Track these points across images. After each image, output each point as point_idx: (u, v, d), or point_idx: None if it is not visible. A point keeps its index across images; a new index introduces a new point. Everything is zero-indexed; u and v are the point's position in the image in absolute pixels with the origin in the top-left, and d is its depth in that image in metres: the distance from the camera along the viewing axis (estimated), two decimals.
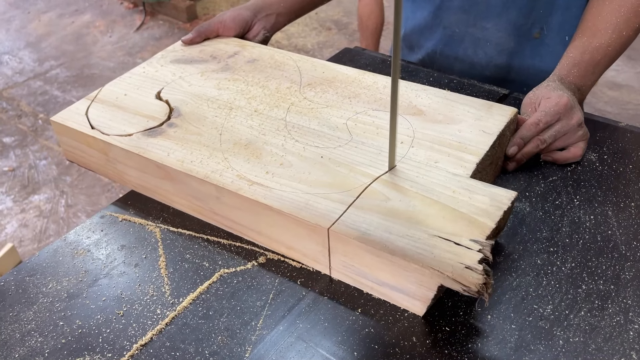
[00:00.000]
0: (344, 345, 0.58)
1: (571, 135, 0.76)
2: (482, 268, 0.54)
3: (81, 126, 0.78)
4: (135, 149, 0.73)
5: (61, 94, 2.82)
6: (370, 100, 0.78)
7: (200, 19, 3.41)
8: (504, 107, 0.74)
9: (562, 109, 0.75)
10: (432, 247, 0.57)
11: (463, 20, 1.01)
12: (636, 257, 0.65)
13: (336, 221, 0.61)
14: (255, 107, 0.78)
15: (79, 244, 0.72)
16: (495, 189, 0.62)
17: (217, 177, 0.68)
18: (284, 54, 0.90)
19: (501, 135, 0.71)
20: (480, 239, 0.57)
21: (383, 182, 0.65)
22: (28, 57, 3.16)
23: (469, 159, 0.67)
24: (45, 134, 2.56)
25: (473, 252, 0.56)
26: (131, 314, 0.63)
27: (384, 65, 1.01)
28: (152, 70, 0.89)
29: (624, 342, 0.57)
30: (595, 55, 0.81)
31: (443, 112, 0.74)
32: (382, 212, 0.61)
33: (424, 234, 0.58)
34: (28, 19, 3.57)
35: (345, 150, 0.70)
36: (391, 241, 0.58)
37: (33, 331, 0.62)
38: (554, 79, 0.80)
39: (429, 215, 0.60)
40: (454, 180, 0.64)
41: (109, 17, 3.52)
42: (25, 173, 2.35)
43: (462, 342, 0.58)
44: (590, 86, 0.83)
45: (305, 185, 0.65)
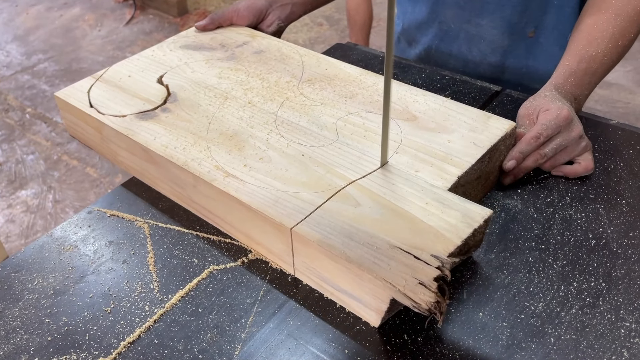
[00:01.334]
0: (334, 343, 0.58)
1: (573, 147, 0.74)
2: (436, 286, 0.52)
3: (81, 103, 0.80)
4: (124, 130, 0.74)
5: (49, 87, 2.79)
6: (366, 101, 0.77)
7: (191, 13, 3.38)
8: (502, 120, 0.72)
9: (562, 122, 0.72)
10: (390, 259, 0.55)
11: (458, 15, 1.00)
12: (627, 255, 0.65)
13: (300, 222, 0.59)
14: (250, 99, 0.78)
15: (66, 239, 0.71)
16: (471, 205, 0.60)
17: (196, 165, 0.68)
18: (291, 48, 0.89)
19: (493, 149, 0.69)
20: (442, 256, 0.54)
21: (357, 187, 0.63)
22: (16, 50, 3.12)
23: (452, 171, 0.65)
24: (32, 128, 2.53)
25: (431, 268, 0.53)
26: (119, 311, 0.62)
27: (377, 61, 1.01)
28: (160, 54, 0.90)
29: (615, 340, 0.57)
30: (592, 64, 0.79)
31: (437, 120, 0.73)
32: (349, 217, 0.59)
33: (385, 244, 0.56)
34: (16, 11, 3.52)
35: (328, 151, 0.68)
36: (350, 248, 0.56)
37: (18, 328, 0.61)
38: (551, 88, 0.78)
39: (396, 225, 0.58)
40: (429, 192, 0.62)
41: (98, 10, 3.48)
42: (13, 168, 2.32)
43: (453, 340, 0.58)
44: (586, 95, 0.81)
45: (280, 182, 0.64)
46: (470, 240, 0.57)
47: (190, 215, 0.73)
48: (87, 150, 2.38)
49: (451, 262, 0.54)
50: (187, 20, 3.32)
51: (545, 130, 0.72)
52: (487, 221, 0.59)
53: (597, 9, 0.83)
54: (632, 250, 0.66)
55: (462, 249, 0.57)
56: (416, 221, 0.58)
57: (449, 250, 0.55)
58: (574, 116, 0.74)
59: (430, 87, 0.93)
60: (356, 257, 0.55)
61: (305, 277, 0.63)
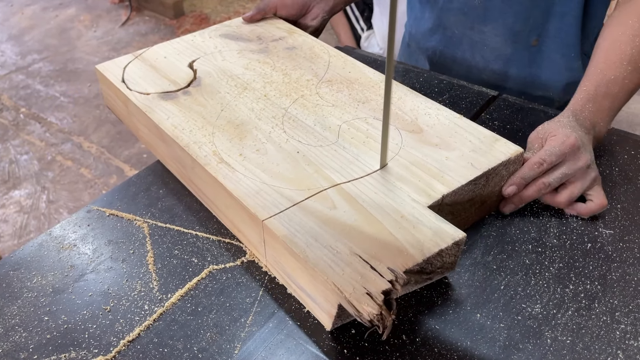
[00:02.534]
0: (334, 342, 0.58)
1: (581, 178, 0.70)
2: (382, 299, 0.51)
3: (114, 77, 0.84)
4: (144, 107, 0.77)
5: (44, 88, 2.78)
6: (377, 108, 0.76)
7: (187, 15, 3.38)
8: (509, 144, 0.69)
9: (567, 149, 0.68)
10: (347, 265, 0.54)
11: (462, 22, 1.01)
12: (622, 258, 0.66)
13: (273, 216, 0.60)
14: (267, 92, 0.80)
15: (65, 238, 0.71)
16: (446, 225, 0.58)
17: (196, 148, 0.70)
18: (323, 48, 0.90)
19: (491, 172, 0.67)
20: (398, 270, 0.53)
21: (338, 190, 0.63)
22: (10, 50, 3.11)
23: (438, 188, 0.63)
24: (27, 128, 2.52)
25: (383, 280, 0.53)
26: (118, 310, 0.62)
27: (375, 65, 1.01)
28: (199, 40, 0.93)
29: (611, 342, 0.58)
30: (612, 88, 0.75)
31: (442, 136, 0.71)
32: (321, 219, 0.59)
33: (347, 250, 0.56)
34: (11, 11, 3.51)
35: (323, 151, 0.69)
36: (312, 248, 0.56)
37: (17, 326, 0.61)
38: (568, 114, 0.74)
39: (363, 234, 0.58)
40: (408, 206, 0.61)
41: (94, 11, 3.48)
42: (6, 168, 2.31)
43: (451, 341, 0.58)
44: (608, 122, 0.76)
45: (267, 175, 0.65)
46: (435, 261, 0.57)
47: (189, 215, 0.73)
48: (81, 151, 2.37)
49: (405, 278, 0.53)
50: (183, 22, 3.32)
51: (549, 157, 0.68)
52: (458, 244, 0.57)
53: (614, 30, 0.79)
54: (627, 254, 0.67)
55: (425, 268, 0.56)
56: (385, 233, 0.58)
57: (407, 266, 0.54)
58: (582, 144, 0.70)
59: (428, 91, 0.94)
60: (314, 257, 0.55)
61: (275, 271, 0.65)
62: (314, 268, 0.55)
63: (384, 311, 0.51)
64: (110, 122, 2.53)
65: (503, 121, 0.87)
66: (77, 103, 2.67)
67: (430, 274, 0.58)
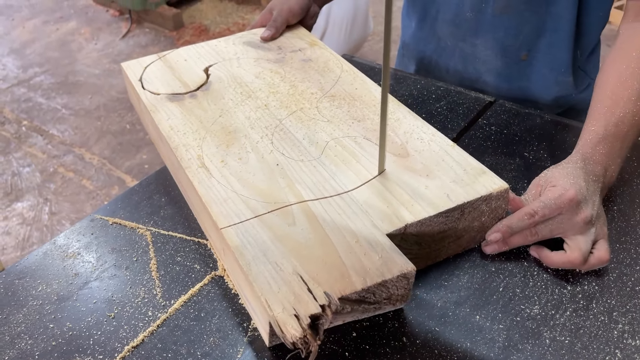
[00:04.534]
0: (335, 345, 0.59)
1: (575, 232, 0.65)
2: (309, 323, 0.50)
3: (133, 75, 0.89)
4: (149, 106, 0.80)
5: (45, 100, 2.80)
6: (370, 128, 0.75)
7: (187, 27, 3.41)
8: (495, 179, 0.65)
9: (565, 204, 0.63)
10: (285, 284, 0.53)
11: (454, 33, 1.01)
12: (619, 259, 0.67)
13: (232, 225, 0.60)
14: (268, 102, 0.81)
15: (69, 247, 0.72)
16: (398, 256, 0.56)
17: (183, 151, 0.71)
18: (338, 62, 0.90)
19: (467, 206, 0.63)
20: (334, 296, 0.52)
21: (303, 207, 0.62)
22: (12, 63, 3.14)
23: (404, 217, 0.61)
24: (29, 141, 2.54)
25: (316, 304, 0.51)
26: (122, 316, 0.63)
27: (372, 72, 1.03)
28: (223, 46, 0.96)
29: (609, 341, 0.58)
30: (621, 127, 0.70)
31: (427, 163, 0.68)
32: (276, 234, 0.59)
33: (290, 269, 0.55)
34: (12, 25, 3.54)
35: (302, 166, 0.68)
36: (258, 263, 0.56)
37: (23, 334, 0.62)
38: (577, 158, 0.69)
39: (313, 254, 0.56)
40: (367, 231, 0.59)
41: (94, 24, 3.51)
42: (9, 180, 2.32)
43: (451, 342, 0.59)
44: (619, 164, 0.71)
45: (240, 184, 0.66)
46: (379, 291, 0.55)
47: (191, 223, 0.74)
48: (82, 163, 2.38)
49: (338, 305, 0.51)
50: (182, 33, 3.35)
51: (542, 209, 0.64)
52: (406, 277, 0.55)
53: (617, 65, 0.75)
54: (623, 255, 0.68)
55: (366, 297, 0.54)
56: (334, 256, 0.56)
57: (344, 292, 0.53)
58: (583, 199, 0.64)
59: (425, 97, 0.95)
60: (256, 272, 0.55)
61: (230, 279, 0.66)
62: (253, 282, 0.54)
63: (309, 336, 0.49)
64: (112, 134, 2.55)
65: (500, 126, 0.89)
66: (79, 115, 2.69)
67: (375, 304, 0.55)
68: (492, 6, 0.94)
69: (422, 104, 0.94)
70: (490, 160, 0.82)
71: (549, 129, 0.88)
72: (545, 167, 0.80)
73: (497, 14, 0.94)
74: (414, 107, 0.93)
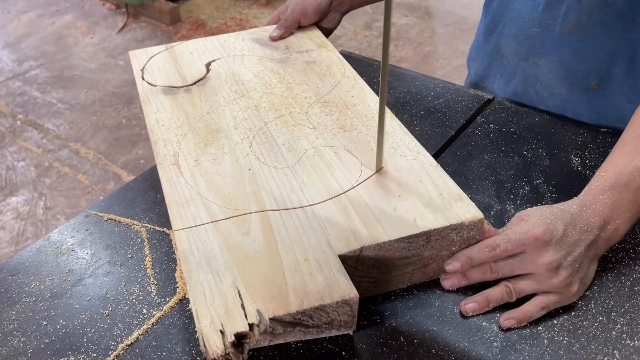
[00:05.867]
0: (331, 345, 0.58)
1: (539, 279, 0.59)
2: (232, 341, 0.49)
3: (137, 64, 0.89)
4: (143, 97, 0.81)
5: (40, 94, 2.78)
6: (356, 139, 0.72)
7: (184, 22, 3.39)
8: (470, 208, 0.61)
9: (529, 242, 0.58)
10: (221, 296, 0.52)
11: (517, 51, 0.92)
12: (617, 259, 0.67)
13: (186, 228, 0.59)
14: (259, 103, 0.79)
15: (63, 243, 0.71)
16: (343, 281, 0.53)
17: (161, 146, 0.71)
18: (341, 67, 0.87)
19: (434, 234, 0.59)
20: (265, 316, 0.50)
21: (262, 217, 0.60)
22: (7, 57, 3.11)
23: (362, 238, 0.58)
24: (23, 135, 2.52)
25: (245, 322, 0.50)
26: (117, 314, 0.62)
27: (371, 69, 1.02)
28: (231, 41, 0.95)
29: (607, 342, 0.58)
30: (637, 179, 0.61)
31: (403, 183, 0.64)
32: (227, 243, 0.58)
33: (230, 281, 0.54)
34: (7, 18, 3.51)
35: (273, 173, 0.67)
36: (200, 270, 0.55)
37: (15, 331, 0.61)
38: (574, 203, 0.62)
39: (257, 268, 0.55)
40: (318, 250, 0.56)
41: (90, 18, 3.48)
42: (3, 174, 2.31)
43: (449, 342, 0.58)
44: (628, 219, 0.62)
45: (207, 186, 0.65)
46: (318, 315, 0.52)
47: None
48: (78, 157, 2.37)
49: (267, 326, 0.50)
50: (179, 28, 3.33)
51: (505, 243, 0.59)
52: (348, 303, 0.52)
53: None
54: (622, 255, 0.67)
55: (302, 320, 0.52)
56: (278, 272, 0.54)
57: (278, 313, 0.51)
58: (552, 241, 0.58)
59: (424, 94, 0.95)
60: (195, 280, 0.54)
61: (181, 283, 0.65)
62: (189, 290, 0.53)
63: (232, 354, 0.48)
64: (107, 129, 2.53)
65: (498, 124, 0.88)
66: (74, 109, 2.67)
67: (314, 328, 0.53)
68: (561, 24, 0.84)
69: (420, 101, 0.93)
70: (489, 159, 0.81)
71: (548, 127, 0.87)
72: (543, 166, 0.80)
73: (565, 34, 0.84)
74: (412, 104, 0.92)
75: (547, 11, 0.85)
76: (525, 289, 0.60)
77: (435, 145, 0.84)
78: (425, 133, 0.86)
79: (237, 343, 0.49)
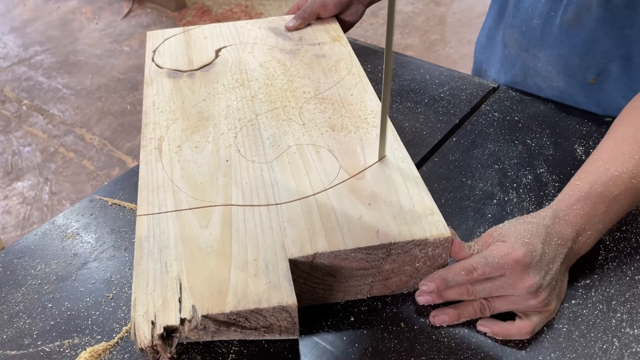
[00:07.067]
0: (332, 330, 0.59)
1: (517, 301, 0.57)
2: (161, 333, 0.49)
3: (150, 45, 0.90)
4: (147, 78, 0.82)
5: (46, 80, 2.79)
6: (343, 140, 0.70)
7: (189, 7, 3.38)
8: (439, 225, 0.58)
9: (509, 265, 0.55)
10: (163, 286, 0.52)
11: (519, 41, 0.92)
12: (619, 248, 0.67)
13: (149, 214, 0.60)
14: (256, 94, 0.79)
15: (68, 227, 0.72)
16: (286, 287, 0.52)
17: (150, 129, 0.72)
18: (348, 64, 0.85)
19: (395, 248, 0.57)
20: (198, 313, 0.50)
21: (224, 211, 0.60)
22: (12, 42, 3.12)
23: (318, 245, 0.56)
24: (29, 120, 2.53)
25: (178, 316, 0.50)
26: (121, 297, 0.63)
27: (375, 56, 1.02)
28: (247, 29, 0.95)
29: (607, 330, 0.58)
30: (611, 188, 0.59)
31: (377, 191, 0.62)
32: (184, 234, 0.57)
33: (175, 273, 0.54)
34: (13, 3, 3.51)
35: (249, 168, 0.66)
36: (149, 259, 0.55)
37: (21, 313, 0.62)
38: (547, 214, 0.59)
39: (206, 263, 0.55)
40: (270, 252, 0.55)
41: (95, 3, 3.48)
42: (9, 159, 2.32)
43: (449, 328, 0.59)
44: (600, 231, 0.60)
45: (181, 173, 0.65)
46: (256, 318, 0.52)
47: None
48: (83, 143, 2.38)
49: (198, 323, 0.50)
50: (185, 14, 3.32)
51: (483, 267, 0.56)
52: (286, 310, 0.51)
53: (634, 113, 0.64)
54: (624, 244, 0.67)
55: (237, 321, 0.52)
56: (224, 269, 0.54)
57: (212, 311, 0.50)
58: (532, 263, 0.55)
59: (429, 82, 0.94)
60: (143, 267, 0.54)
61: None
62: (134, 277, 0.54)
63: (160, 347, 0.49)
64: (112, 114, 2.54)
65: (503, 112, 0.88)
66: (79, 95, 2.68)
67: (253, 330, 0.53)
68: (561, 17, 0.84)
69: (425, 89, 0.93)
70: (493, 147, 0.81)
71: (552, 116, 0.87)
72: (547, 155, 0.80)
73: (564, 27, 0.84)
74: (417, 92, 0.92)
75: (549, 3, 0.85)
76: (501, 308, 0.58)
77: (439, 133, 0.84)
78: (429, 121, 0.86)
79: (167, 336, 0.50)
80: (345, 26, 1.00)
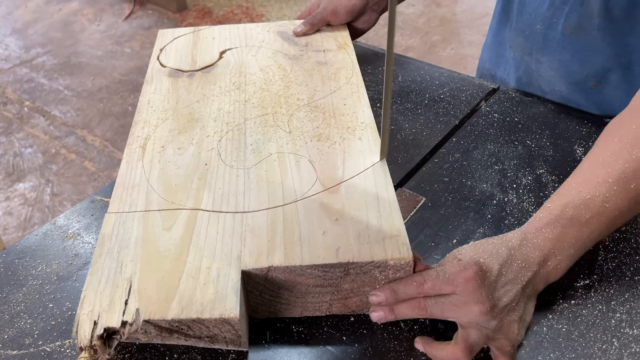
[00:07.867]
0: (332, 330, 0.59)
1: (472, 320, 0.54)
2: (101, 334, 0.49)
3: (158, 43, 0.91)
4: (148, 76, 0.83)
5: (47, 81, 2.79)
6: (326, 152, 0.68)
7: (190, 9, 3.39)
8: (402, 247, 0.55)
9: (459, 283, 0.53)
10: (113, 286, 0.53)
11: (522, 45, 0.93)
12: (618, 249, 0.67)
13: (118, 213, 0.60)
14: (249, 98, 0.78)
15: (69, 227, 0.72)
16: (231, 300, 0.51)
17: (139, 127, 0.72)
18: (349, 73, 0.83)
19: (353, 267, 0.55)
20: (140, 317, 0.50)
21: (190, 215, 0.59)
22: (14, 43, 3.12)
23: (275, 258, 0.54)
24: (31, 121, 2.53)
25: (120, 318, 0.50)
26: None
27: (376, 57, 1.02)
28: (256, 31, 0.95)
29: (606, 330, 0.58)
30: (582, 212, 0.56)
31: (348, 206, 0.60)
32: (146, 235, 0.58)
33: (128, 274, 0.54)
34: (15, 5, 3.52)
35: (226, 173, 0.65)
36: (107, 257, 0.56)
37: (22, 313, 0.62)
38: (514, 236, 0.57)
39: (160, 266, 0.54)
40: (225, 261, 0.55)
41: (97, 5, 3.48)
42: (10, 161, 2.33)
43: (448, 328, 0.59)
44: (571, 256, 0.57)
45: (158, 174, 0.65)
46: (199, 327, 0.51)
47: None
48: (84, 144, 2.38)
49: (139, 327, 0.50)
50: (186, 15, 3.33)
51: (433, 280, 0.54)
52: (228, 322, 0.51)
53: (610, 136, 0.61)
54: (623, 244, 0.67)
55: (180, 328, 0.51)
56: (175, 275, 0.53)
57: (154, 317, 0.50)
58: (485, 284, 0.53)
59: (429, 83, 0.95)
60: (98, 266, 0.55)
61: None
62: (88, 275, 0.54)
63: (98, 347, 0.49)
64: (114, 115, 2.54)
65: (502, 114, 0.88)
66: (81, 96, 2.68)
67: (197, 338, 0.53)
68: (563, 24, 0.84)
69: (425, 90, 0.93)
70: (492, 148, 0.81)
71: (552, 117, 0.87)
72: (547, 155, 0.80)
73: (567, 34, 0.84)
74: (417, 92, 0.93)
75: (551, 10, 0.85)
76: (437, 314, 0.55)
77: (439, 134, 0.84)
78: (430, 122, 0.86)
79: (108, 337, 0.50)
80: (357, 34, 0.98)
